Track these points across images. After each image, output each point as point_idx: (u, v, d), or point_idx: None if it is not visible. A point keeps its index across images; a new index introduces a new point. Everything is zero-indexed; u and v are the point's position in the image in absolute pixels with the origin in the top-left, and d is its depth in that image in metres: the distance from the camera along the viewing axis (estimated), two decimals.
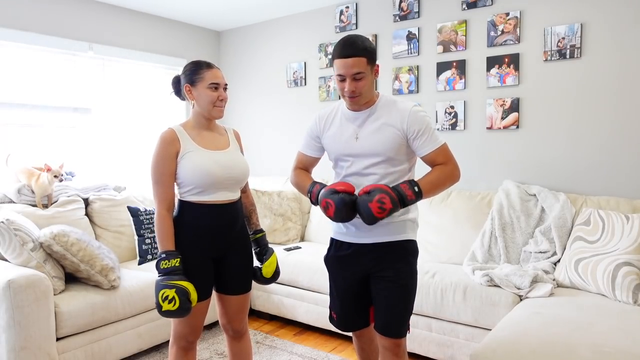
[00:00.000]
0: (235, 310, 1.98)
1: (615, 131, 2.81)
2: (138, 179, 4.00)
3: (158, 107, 4.19)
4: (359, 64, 1.65)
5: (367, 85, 1.71)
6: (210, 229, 1.86)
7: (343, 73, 1.67)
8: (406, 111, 1.73)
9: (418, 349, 2.68)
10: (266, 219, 3.66)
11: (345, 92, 1.70)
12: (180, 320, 1.85)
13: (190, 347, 1.92)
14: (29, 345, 2.23)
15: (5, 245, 2.44)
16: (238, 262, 1.96)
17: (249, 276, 2.01)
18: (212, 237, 1.87)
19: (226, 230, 1.90)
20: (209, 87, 1.84)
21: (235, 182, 1.91)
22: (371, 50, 1.69)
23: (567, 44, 2.91)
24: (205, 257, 1.87)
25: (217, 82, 1.85)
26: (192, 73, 1.86)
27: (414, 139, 1.73)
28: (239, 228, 1.96)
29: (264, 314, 3.44)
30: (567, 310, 2.11)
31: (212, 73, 1.85)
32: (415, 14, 3.48)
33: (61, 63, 3.52)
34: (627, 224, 2.39)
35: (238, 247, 1.96)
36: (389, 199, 1.59)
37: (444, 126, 3.41)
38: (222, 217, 1.88)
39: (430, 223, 3.14)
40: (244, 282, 1.98)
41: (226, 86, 1.91)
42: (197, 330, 1.90)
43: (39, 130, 3.42)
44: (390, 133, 1.73)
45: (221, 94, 1.87)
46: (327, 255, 1.94)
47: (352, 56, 1.64)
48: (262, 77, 4.44)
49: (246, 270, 1.99)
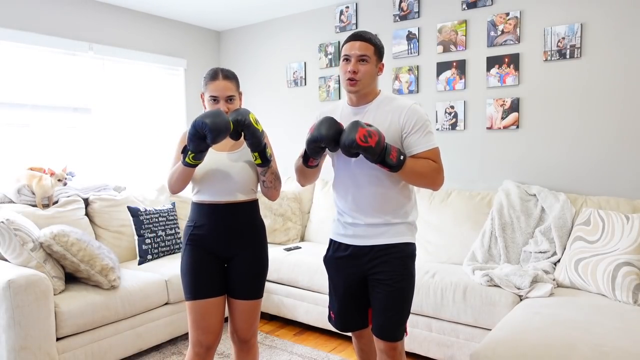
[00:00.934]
0: (240, 317, 1.93)
1: (616, 131, 2.81)
2: (138, 179, 4.00)
3: (158, 107, 4.19)
4: (366, 48, 1.72)
5: (369, 74, 1.73)
6: (210, 229, 1.87)
7: (349, 53, 1.73)
8: (405, 107, 1.73)
9: (418, 349, 2.67)
10: (266, 219, 3.66)
11: (347, 73, 1.72)
12: (192, 322, 1.84)
13: (206, 355, 1.86)
14: (29, 345, 2.23)
15: (5, 245, 2.44)
16: (246, 266, 1.91)
17: (257, 282, 1.94)
18: (215, 237, 1.88)
19: (230, 232, 1.89)
20: (209, 99, 1.86)
21: (234, 183, 1.88)
22: (381, 46, 1.78)
23: (567, 44, 2.91)
24: (209, 254, 1.88)
25: (215, 95, 1.84)
26: (204, 81, 1.89)
27: (409, 135, 1.72)
28: (246, 231, 1.92)
29: (264, 314, 3.44)
30: (567, 310, 2.11)
31: (214, 85, 1.84)
32: (415, 14, 3.48)
33: (61, 63, 3.52)
34: (627, 224, 2.39)
35: (246, 250, 1.92)
36: (377, 139, 1.57)
37: (444, 126, 3.41)
38: (223, 218, 1.88)
39: (430, 223, 3.14)
40: (250, 287, 1.92)
41: (230, 98, 1.86)
42: (212, 330, 1.85)
43: (39, 131, 3.42)
44: (389, 128, 1.73)
45: (221, 107, 1.83)
46: (326, 256, 1.94)
47: (363, 40, 1.72)
48: (262, 77, 4.44)
49: (255, 276, 1.93)
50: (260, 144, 1.77)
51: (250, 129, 1.72)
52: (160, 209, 3.41)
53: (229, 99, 1.86)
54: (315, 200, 3.85)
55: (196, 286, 1.85)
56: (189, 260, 1.88)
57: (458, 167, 3.37)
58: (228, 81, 1.86)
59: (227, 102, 1.86)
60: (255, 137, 1.75)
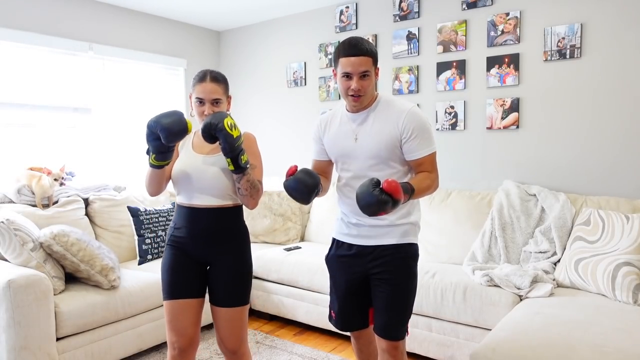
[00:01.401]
0: (223, 325, 1.86)
1: (616, 131, 2.81)
2: (138, 179, 4.00)
3: (158, 107, 4.19)
4: (366, 63, 1.67)
5: (371, 86, 1.73)
6: (187, 232, 1.86)
7: (350, 71, 1.67)
8: (404, 111, 1.73)
9: (418, 349, 2.68)
10: (266, 219, 3.66)
11: (351, 91, 1.70)
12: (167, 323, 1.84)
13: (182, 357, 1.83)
14: (29, 345, 2.23)
15: (5, 245, 2.44)
16: (225, 273, 1.86)
17: (239, 290, 1.87)
18: (194, 241, 1.86)
19: (205, 235, 1.85)
20: (195, 101, 1.84)
21: (208, 188, 1.83)
22: (375, 53, 1.74)
23: (567, 44, 2.91)
24: (188, 256, 1.87)
25: (201, 97, 1.81)
26: (192, 82, 1.87)
27: (408, 140, 1.71)
28: (225, 237, 1.87)
29: (264, 314, 3.44)
30: (567, 310, 2.11)
31: (201, 87, 1.81)
32: (415, 14, 3.48)
33: (61, 63, 3.52)
34: (627, 224, 2.39)
35: (226, 256, 1.87)
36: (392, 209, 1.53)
37: (444, 126, 3.41)
38: (200, 221, 1.84)
39: (431, 223, 3.14)
40: (233, 294, 1.85)
41: (216, 101, 1.82)
42: (182, 335, 1.81)
43: (39, 130, 3.42)
44: (388, 133, 1.73)
45: (205, 110, 1.81)
46: (328, 254, 1.94)
47: (360, 55, 1.66)
48: (262, 77, 4.44)
49: (236, 283, 1.86)
50: (233, 150, 1.69)
51: (223, 132, 1.65)
52: (160, 209, 3.41)
53: (215, 102, 1.82)
54: (315, 200, 3.85)
55: (171, 285, 1.84)
56: (167, 260, 1.88)
57: (458, 167, 3.37)
58: (216, 84, 1.82)
59: (213, 105, 1.82)
60: (227, 143, 1.67)
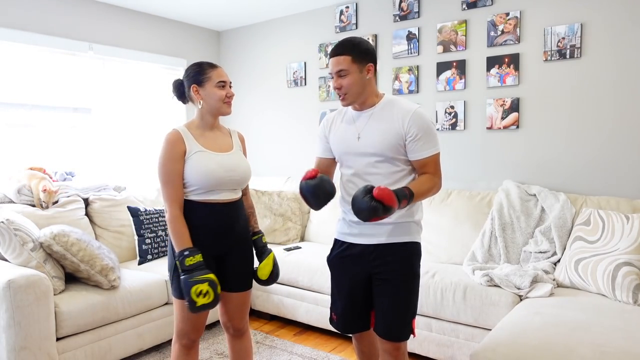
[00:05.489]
0: (235, 308, 2.01)
1: (615, 131, 2.81)
2: (138, 179, 4.00)
3: (158, 107, 4.19)
4: (342, 62, 1.73)
5: (354, 84, 1.73)
6: (212, 227, 1.90)
7: (330, 71, 1.79)
8: (410, 112, 1.73)
9: (418, 349, 2.68)
10: (266, 219, 3.66)
11: (334, 89, 1.79)
12: (183, 317, 1.89)
13: (192, 345, 1.95)
14: (29, 345, 2.23)
15: (5, 245, 2.44)
16: (239, 260, 2.00)
17: (249, 274, 2.05)
18: (214, 235, 1.91)
19: (228, 228, 1.94)
20: (217, 85, 1.92)
21: (237, 183, 1.97)
22: (360, 50, 1.73)
23: (567, 44, 2.91)
24: (207, 255, 1.89)
25: (223, 80, 1.93)
26: (198, 74, 1.92)
27: (412, 141, 1.72)
28: (240, 226, 2.00)
29: (264, 314, 3.44)
30: (567, 310, 2.11)
31: (218, 72, 1.94)
32: (415, 14, 3.48)
33: (61, 63, 3.52)
34: (627, 224, 2.39)
35: (239, 245, 2.00)
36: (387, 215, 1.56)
37: (444, 126, 3.41)
38: (225, 215, 1.93)
39: (431, 223, 3.13)
40: (244, 279, 2.02)
41: (231, 84, 2.00)
42: (200, 328, 1.94)
43: (39, 131, 3.42)
44: (392, 133, 1.73)
45: (229, 92, 1.95)
46: (330, 255, 1.94)
47: (337, 54, 1.74)
48: (262, 77, 4.44)
49: (247, 268, 2.03)
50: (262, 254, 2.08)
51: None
52: (160, 209, 3.41)
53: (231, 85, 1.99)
54: None
55: None
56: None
57: (458, 167, 3.37)
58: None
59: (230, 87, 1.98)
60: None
